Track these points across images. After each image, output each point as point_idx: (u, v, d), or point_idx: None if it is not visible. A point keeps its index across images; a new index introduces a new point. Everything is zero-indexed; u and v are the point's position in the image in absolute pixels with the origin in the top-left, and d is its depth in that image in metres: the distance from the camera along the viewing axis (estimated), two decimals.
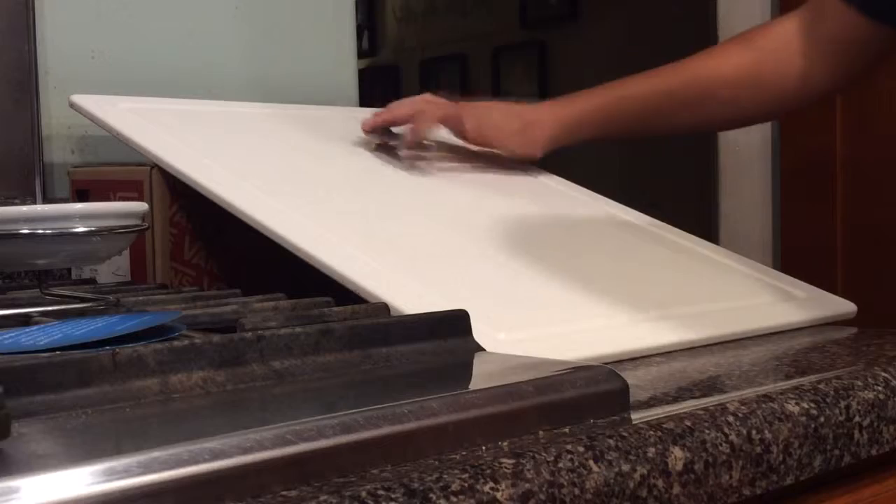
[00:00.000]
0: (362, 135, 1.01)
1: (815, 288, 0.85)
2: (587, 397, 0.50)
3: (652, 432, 0.48)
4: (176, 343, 0.49)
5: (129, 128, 0.86)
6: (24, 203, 0.96)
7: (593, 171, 1.00)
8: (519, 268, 0.78)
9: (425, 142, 1.02)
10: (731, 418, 0.51)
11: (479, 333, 0.59)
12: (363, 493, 0.38)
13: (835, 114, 1.84)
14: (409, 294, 0.66)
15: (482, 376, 0.56)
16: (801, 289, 0.85)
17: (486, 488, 0.41)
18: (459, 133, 1.03)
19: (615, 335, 0.68)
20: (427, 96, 1.06)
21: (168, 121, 0.90)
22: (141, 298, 0.68)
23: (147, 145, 0.83)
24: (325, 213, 0.79)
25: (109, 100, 0.92)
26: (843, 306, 0.83)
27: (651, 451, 0.47)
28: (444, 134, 1.04)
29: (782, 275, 0.88)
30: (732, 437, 0.51)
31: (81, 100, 0.91)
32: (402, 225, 0.82)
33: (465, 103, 1.05)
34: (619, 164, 3.25)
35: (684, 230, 0.96)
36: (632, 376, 0.60)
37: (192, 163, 0.81)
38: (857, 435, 0.57)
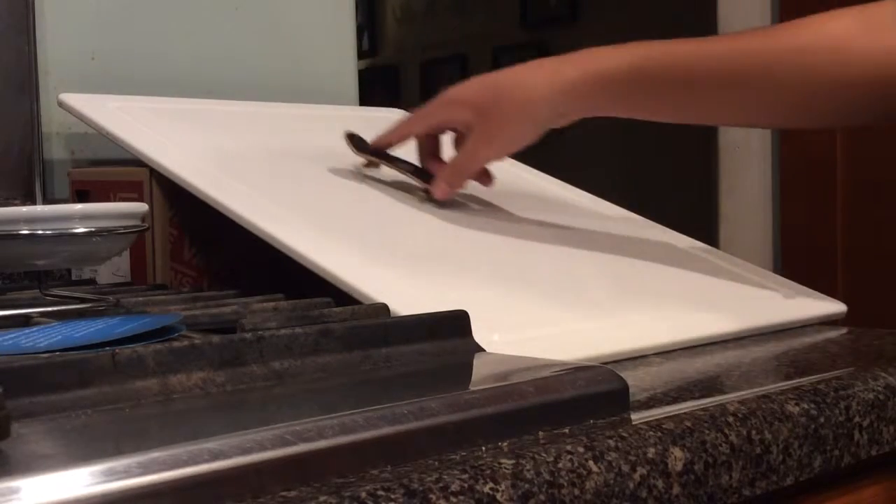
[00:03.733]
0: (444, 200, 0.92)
1: (805, 287, 0.85)
2: (587, 397, 0.50)
3: (652, 433, 0.48)
4: (175, 344, 0.49)
5: (118, 127, 0.86)
6: (23, 204, 0.96)
7: (591, 171, 0.99)
8: (516, 269, 0.78)
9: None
10: (730, 419, 0.51)
11: (479, 334, 0.59)
12: (363, 494, 0.38)
13: None
14: (406, 296, 0.66)
15: (482, 377, 0.56)
16: (790, 288, 0.84)
17: (486, 489, 0.41)
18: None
19: (609, 335, 0.68)
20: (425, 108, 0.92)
21: (159, 120, 0.90)
22: (141, 299, 0.68)
23: (137, 144, 0.83)
24: (323, 214, 0.79)
25: (99, 98, 0.92)
26: (833, 306, 0.83)
27: (651, 451, 0.47)
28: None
29: (771, 274, 0.88)
30: (732, 437, 0.51)
31: (71, 98, 0.91)
32: (400, 226, 0.82)
33: (445, 99, 0.89)
34: (618, 165, 3.25)
35: (684, 231, 0.96)
36: (631, 376, 0.60)
37: (183, 162, 0.81)
38: (857, 435, 0.57)
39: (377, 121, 1.01)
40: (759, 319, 0.77)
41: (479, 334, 0.59)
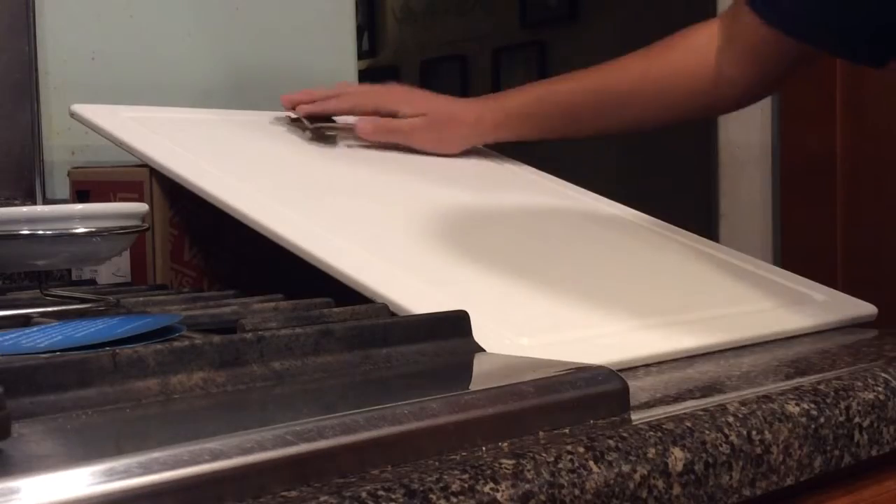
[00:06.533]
0: (363, 138, 1.00)
1: (834, 290, 0.83)
2: (587, 398, 0.50)
3: (652, 433, 0.48)
4: (176, 344, 0.49)
5: (131, 137, 0.86)
6: (24, 204, 0.96)
7: (591, 172, 0.99)
8: (523, 271, 0.77)
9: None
10: (731, 419, 0.51)
11: (482, 335, 0.59)
12: (363, 494, 0.38)
13: (835, 113, 1.84)
14: (413, 294, 0.66)
15: (482, 377, 0.56)
16: (819, 291, 0.83)
17: (487, 489, 0.41)
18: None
19: (625, 340, 0.67)
20: (369, 87, 1.06)
21: (169, 129, 0.90)
22: (141, 299, 0.68)
23: (150, 153, 0.83)
24: (328, 214, 0.79)
25: (110, 109, 0.92)
26: (864, 308, 0.81)
27: (651, 451, 0.47)
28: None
29: (799, 277, 0.86)
30: (732, 437, 0.51)
31: (82, 109, 0.90)
32: (403, 226, 0.82)
33: (395, 90, 1.04)
34: (617, 165, 3.25)
35: (683, 230, 0.95)
36: (632, 377, 0.60)
37: (195, 170, 0.81)
38: (857, 436, 0.57)
39: None
40: (788, 324, 0.75)
41: (485, 335, 0.59)
